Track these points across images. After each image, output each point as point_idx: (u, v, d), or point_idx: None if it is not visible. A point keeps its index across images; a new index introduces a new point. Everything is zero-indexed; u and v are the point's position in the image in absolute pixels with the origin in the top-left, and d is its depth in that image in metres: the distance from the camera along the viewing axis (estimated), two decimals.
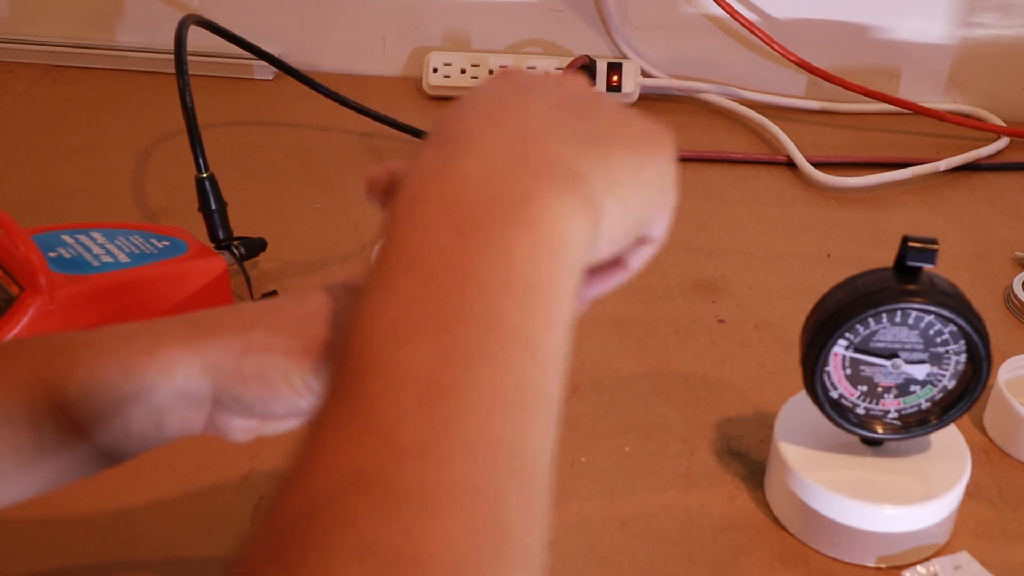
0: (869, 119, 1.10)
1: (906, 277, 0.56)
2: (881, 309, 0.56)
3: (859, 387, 0.59)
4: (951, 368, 0.58)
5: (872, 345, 0.57)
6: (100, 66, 1.17)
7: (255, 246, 0.82)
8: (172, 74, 0.76)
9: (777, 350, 0.76)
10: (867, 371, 0.58)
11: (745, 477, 0.65)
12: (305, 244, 0.87)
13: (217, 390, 0.43)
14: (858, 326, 0.57)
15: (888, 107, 1.09)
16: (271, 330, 0.42)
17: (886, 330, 0.57)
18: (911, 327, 0.57)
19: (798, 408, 0.64)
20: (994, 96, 1.11)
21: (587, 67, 1.09)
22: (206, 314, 0.44)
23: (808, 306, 0.60)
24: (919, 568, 0.59)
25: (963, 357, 0.58)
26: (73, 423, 0.42)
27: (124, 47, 1.17)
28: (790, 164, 1.01)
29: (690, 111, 1.12)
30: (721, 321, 0.80)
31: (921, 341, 0.57)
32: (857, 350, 0.58)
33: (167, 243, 0.76)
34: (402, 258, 0.32)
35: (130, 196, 0.94)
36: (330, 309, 0.44)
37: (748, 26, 1.07)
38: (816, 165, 0.99)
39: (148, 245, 0.75)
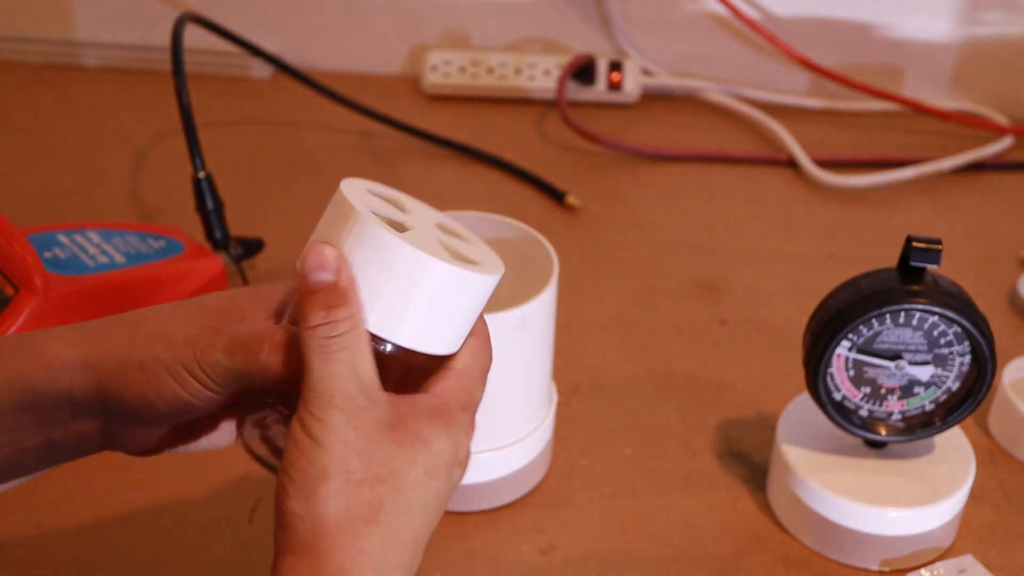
0: (872, 118, 1.10)
1: (910, 278, 0.56)
2: (885, 310, 0.55)
3: (862, 389, 0.58)
4: (955, 370, 0.57)
5: (875, 346, 0.57)
6: (95, 64, 1.16)
7: (252, 246, 0.81)
8: (169, 73, 0.75)
9: (779, 351, 0.76)
10: (870, 372, 0.58)
11: (747, 480, 0.65)
12: (303, 244, 0.86)
13: (102, 392, 0.41)
14: (861, 327, 0.56)
15: (892, 106, 1.08)
16: (164, 321, 0.41)
17: (890, 331, 0.56)
18: (915, 328, 0.56)
19: (801, 410, 0.63)
20: (999, 95, 1.10)
21: (587, 65, 1.09)
22: (113, 316, 0.42)
23: (811, 307, 0.59)
24: (923, 572, 0.59)
25: (967, 359, 0.57)
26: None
27: (121, 45, 1.17)
28: (792, 164, 1.01)
29: (692, 110, 1.11)
30: (723, 322, 0.79)
31: (925, 342, 0.57)
32: (860, 351, 0.57)
33: (163, 243, 0.76)
34: None
35: (126, 196, 0.93)
36: (252, 304, 0.43)
37: (750, 24, 1.07)
38: (819, 164, 0.99)
39: (144, 245, 0.75)
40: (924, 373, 0.58)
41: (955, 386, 0.58)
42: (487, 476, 0.61)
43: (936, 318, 0.56)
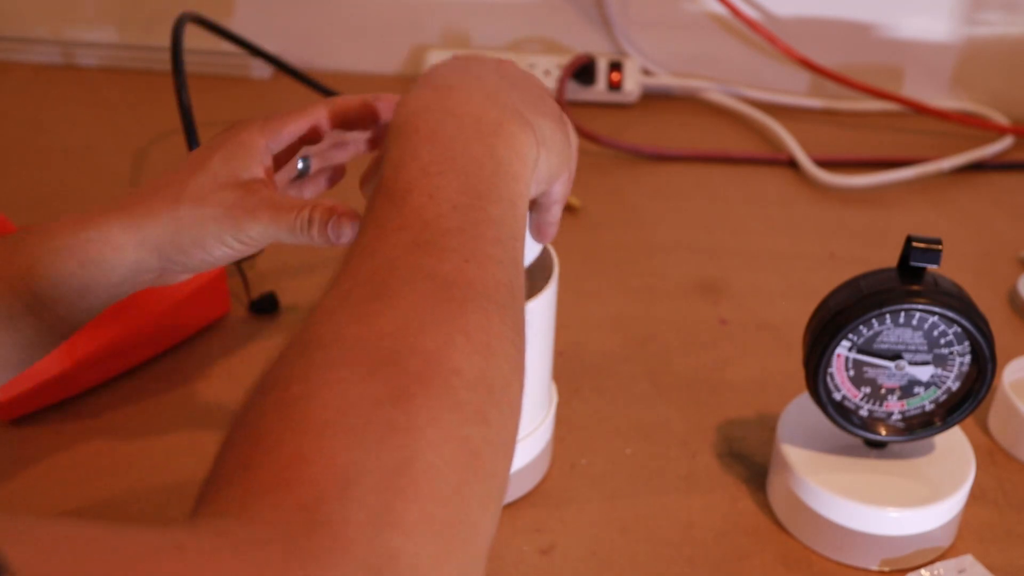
0: (872, 118, 1.10)
1: (910, 278, 0.56)
2: (885, 310, 0.55)
3: (862, 389, 0.58)
4: (955, 370, 0.57)
5: (875, 346, 0.57)
6: (95, 64, 1.16)
7: None
8: (169, 73, 0.75)
9: (779, 351, 0.76)
10: (870, 372, 0.58)
11: (747, 479, 0.65)
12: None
13: (163, 259, 0.50)
14: (861, 327, 0.56)
15: (892, 106, 1.08)
16: (196, 203, 0.49)
17: (890, 331, 0.56)
18: (915, 328, 0.56)
19: (801, 410, 0.63)
20: (999, 95, 1.10)
21: (587, 65, 1.09)
22: (134, 195, 0.51)
23: (811, 307, 0.59)
24: (923, 572, 0.59)
25: (967, 359, 0.57)
26: (42, 313, 0.49)
27: (121, 45, 1.17)
28: (792, 164, 1.01)
29: (692, 110, 1.11)
30: (723, 322, 0.79)
31: (925, 342, 0.57)
32: (860, 351, 0.57)
33: None
34: (420, 133, 0.42)
35: None
36: (252, 161, 0.51)
37: (751, 24, 1.07)
38: (819, 164, 0.99)
39: None
40: (924, 373, 0.57)
41: (955, 386, 0.58)
42: None
43: (936, 318, 0.56)
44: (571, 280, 0.76)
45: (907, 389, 0.58)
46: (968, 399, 0.58)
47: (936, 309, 0.55)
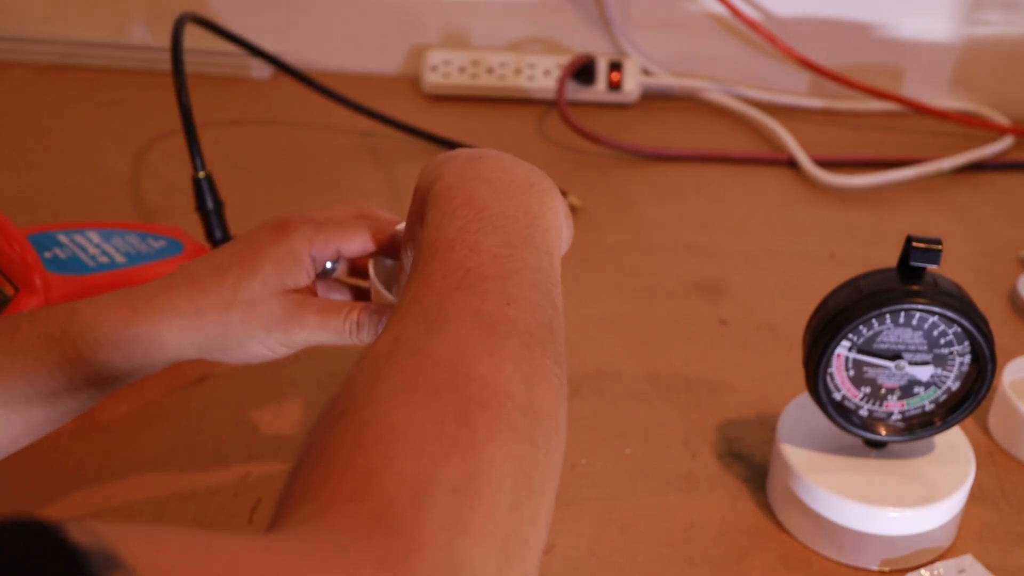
0: (872, 118, 1.10)
1: (910, 277, 0.56)
2: (885, 310, 0.55)
3: (862, 388, 0.58)
4: (955, 369, 0.57)
5: (875, 346, 0.57)
6: (95, 64, 1.16)
7: None
8: (169, 73, 0.75)
9: (780, 351, 0.75)
10: (870, 372, 0.58)
11: (747, 480, 0.65)
12: None
13: (201, 354, 0.53)
14: (861, 327, 0.56)
15: (892, 106, 1.08)
16: (247, 310, 0.52)
17: (890, 331, 0.56)
18: (915, 328, 0.56)
19: (801, 410, 0.63)
20: (999, 95, 1.10)
21: (587, 65, 1.09)
22: (184, 290, 0.52)
23: (811, 307, 0.59)
24: (923, 572, 0.59)
25: (967, 358, 0.57)
26: (76, 394, 0.51)
27: (120, 45, 1.17)
28: (792, 164, 1.01)
29: (692, 110, 1.11)
30: (723, 322, 0.79)
31: (925, 342, 0.57)
32: (860, 351, 0.57)
33: (163, 243, 0.76)
34: (458, 199, 0.46)
35: (126, 196, 0.93)
36: (300, 272, 0.54)
37: (751, 24, 1.07)
38: (819, 164, 0.99)
39: (144, 245, 0.75)
40: (924, 373, 0.58)
41: (955, 386, 0.58)
42: None
43: (936, 318, 0.56)
44: (571, 280, 0.76)
45: (907, 389, 0.58)
46: (968, 399, 0.58)
47: (936, 309, 0.55)
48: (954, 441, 0.62)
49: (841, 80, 1.07)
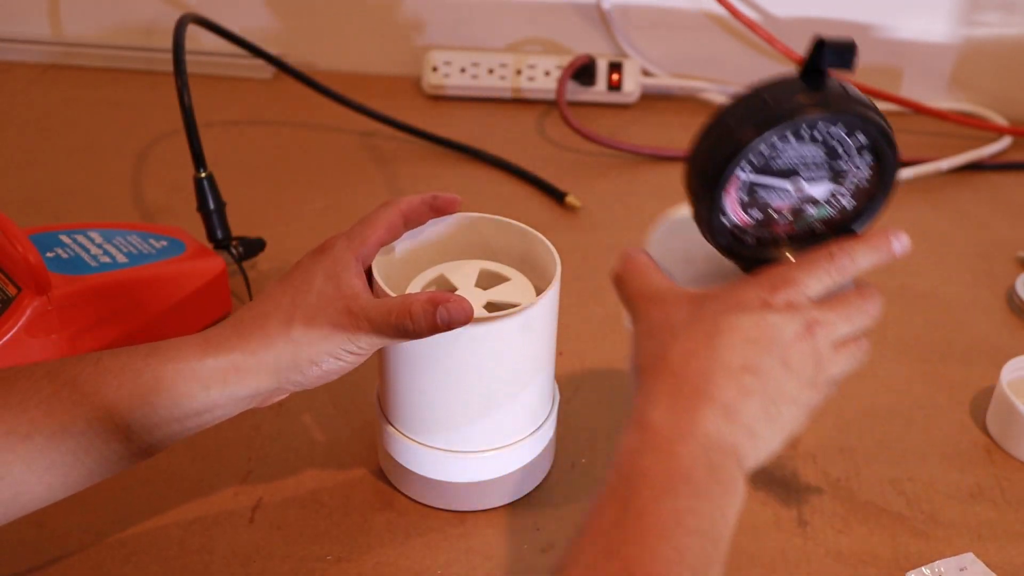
0: None
1: (817, 85, 0.49)
2: (800, 123, 0.48)
3: (751, 212, 0.52)
4: (853, 186, 0.53)
5: (774, 165, 0.50)
6: (98, 65, 1.16)
7: (254, 246, 0.81)
8: (170, 73, 0.76)
9: None
10: (763, 194, 0.51)
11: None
12: (304, 244, 0.85)
13: (280, 380, 0.53)
14: (764, 147, 0.49)
15: (890, 106, 1.08)
16: (308, 323, 0.53)
17: (792, 148, 0.50)
18: (816, 142, 0.50)
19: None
20: (997, 95, 1.10)
21: (587, 66, 1.09)
22: (244, 323, 0.53)
23: None
24: (924, 569, 0.59)
25: (866, 172, 0.53)
26: (153, 431, 0.51)
27: (122, 46, 1.17)
28: None
29: (691, 110, 1.11)
30: None
31: (824, 156, 0.51)
32: (759, 172, 0.50)
33: (165, 243, 0.76)
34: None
35: (128, 196, 0.94)
36: (350, 275, 0.55)
37: (750, 25, 1.07)
38: None
39: (146, 245, 0.75)
40: (821, 191, 0.52)
41: (850, 205, 0.53)
42: (488, 475, 0.61)
43: (841, 128, 0.50)
44: (571, 280, 0.76)
45: (799, 210, 0.52)
46: (861, 216, 0.53)
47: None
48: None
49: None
